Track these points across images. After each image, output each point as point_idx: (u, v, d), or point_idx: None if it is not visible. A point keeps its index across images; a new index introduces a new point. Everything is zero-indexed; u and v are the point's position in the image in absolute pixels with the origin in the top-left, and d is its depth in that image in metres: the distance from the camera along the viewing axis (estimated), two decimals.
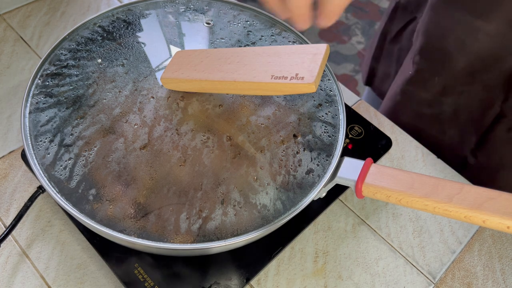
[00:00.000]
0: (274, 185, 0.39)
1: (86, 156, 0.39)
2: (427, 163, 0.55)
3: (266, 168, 0.40)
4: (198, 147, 0.40)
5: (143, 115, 0.41)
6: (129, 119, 0.41)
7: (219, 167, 0.39)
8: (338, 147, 0.42)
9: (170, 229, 0.37)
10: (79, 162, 0.39)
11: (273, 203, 0.39)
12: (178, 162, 0.39)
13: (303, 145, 0.42)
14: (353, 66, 1.81)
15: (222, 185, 0.39)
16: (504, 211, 0.34)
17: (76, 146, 0.40)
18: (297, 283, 0.45)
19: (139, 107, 0.42)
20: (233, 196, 0.38)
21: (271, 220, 0.38)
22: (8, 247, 0.45)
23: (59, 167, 0.39)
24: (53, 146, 0.39)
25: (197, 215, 0.37)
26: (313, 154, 0.41)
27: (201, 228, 0.37)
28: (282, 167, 0.40)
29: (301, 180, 0.40)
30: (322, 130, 0.43)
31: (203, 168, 0.39)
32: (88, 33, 0.47)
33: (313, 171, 0.40)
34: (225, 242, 0.36)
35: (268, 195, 0.39)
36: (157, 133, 0.40)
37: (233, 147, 0.40)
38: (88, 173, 0.38)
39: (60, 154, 0.39)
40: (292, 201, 0.39)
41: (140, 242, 0.36)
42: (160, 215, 0.37)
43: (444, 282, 0.46)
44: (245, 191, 0.39)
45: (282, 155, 0.41)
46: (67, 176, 0.38)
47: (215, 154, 0.40)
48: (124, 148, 0.39)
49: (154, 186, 0.38)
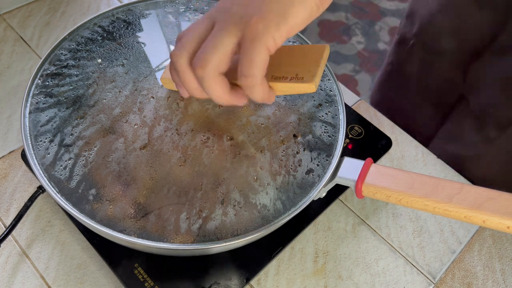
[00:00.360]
0: (274, 185, 0.39)
1: (86, 156, 0.39)
2: (427, 163, 0.55)
3: (266, 168, 0.40)
4: (198, 147, 0.40)
5: (143, 115, 0.41)
6: (129, 119, 0.41)
7: (219, 167, 0.39)
8: (338, 147, 0.42)
9: (170, 229, 0.37)
10: (79, 162, 0.39)
11: (273, 203, 0.39)
12: (178, 162, 0.39)
13: (303, 145, 0.42)
14: (353, 66, 1.81)
15: (222, 185, 0.39)
16: (504, 211, 0.34)
17: (76, 146, 0.40)
18: (297, 283, 0.45)
19: (139, 107, 0.42)
20: (233, 196, 0.38)
21: (271, 220, 0.38)
22: (8, 247, 0.45)
23: (59, 167, 0.39)
24: (53, 146, 0.39)
25: (197, 215, 0.37)
26: (313, 154, 0.41)
27: (201, 228, 0.37)
28: (282, 167, 0.40)
29: (301, 180, 0.40)
30: (322, 130, 0.43)
31: (203, 168, 0.39)
32: (88, 33, 0.47)
33: (313, 171, 0.40)
34: (225, 243, 0.36)
35: (268, 195, 0.39)
36: (157, 133, 0.40)
37: (233, 147, 0.40)
38: (88, 173, 0.38)
39: (60, 154, 0.39)
40: (292, 201, 0.39)
41: (140, 242, 0.36)
42: (160, 215, 0.37)
43: (444, 282, 0.46)
44: (245, 191, 0.39)
45: (282, 155, 0.41)
46: (67, 176, 0.38)
47: (215, 154, 0.40)
48: (124, 148, 0.39)
49: (154, 186, 0.38)
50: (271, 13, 0.31)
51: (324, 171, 0.41)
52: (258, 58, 0.31)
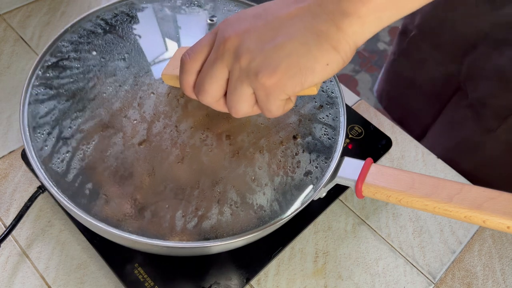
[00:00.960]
0: (271, 185, 0.39)
1: (84, 150, 0.39)
2: (427, 163, 0.55)
3: (264, 169, 0.40)
4: (197, 145, 0.40)
5: (142, 110, 0.41)
6: (129, 114, 0.41)
7: (217, 165, 0.39)
8: (338, 148, 0.42)
9: (165, 227, 0.36)
10: (76, 155, 0.39)
11: (270, 204, 0.39)
12: (176, 160, 0.39)
13: (302, 147, 0.42)
14: (353, 66, 1.81)
15: (220, 184, 0.38)
16: (504, 211, 0.34)
17: (75, 139, 0.39)
18: (297, 283, 0.45)
19: (139, 102, 0.42)
20: (230, 195, 0.38)
21: (267, 221, 0.38)
22: (8, 247, 0.45)
23: (57, 159, 0.38)
24: (51, 139, 0.39)
25: (193, 213, 0.37)
26: (312, 156, 0.41)
27: (197, 226, 0.37)
28: (280, 168, 0.40)
29: (299, 182, 0.40)
30: (322, 132, 0.43)
31: (201, 166, 0.39)
32: (91, 25, 0.47)
33: (311, 173, 0.40)
34: (225, 241, 0.36)
35: (266, 195, 0.39)
36: (156, 129, 0.40)
37: (232, 146, 0.40)
38: (85, 167, 0.38)
39: (58, 146, 0.39)
40: (289, 203, 0.39)
41: (140, 240, 0.35)
42: (155, 212, 0.37)
43: (444, 282, 0.46)
44: (242, 190, 0.39)
45: (281, 156, 0.41)
46: (64, 169, 0.38)
47: (214, 153, 0.40)
48: (123, 143, 0.39)
49: (151, 182, 0.38)
50: (292, 70, 0.30)
51: (323, 173, 0.41)
52: (275, 108, 0.33)
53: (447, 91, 0.65)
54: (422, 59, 0.66)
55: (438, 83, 0.66)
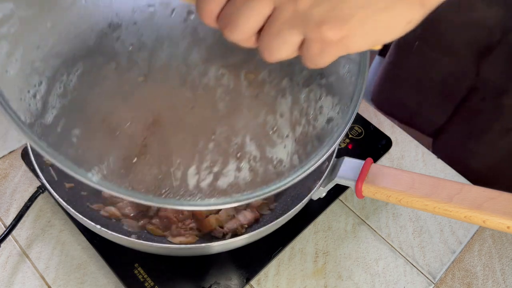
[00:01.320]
0: (292, 136, 0.33)
1: (65, 83, 0.29)
2: (427, 163, 0.55)
3: (286, 116, 0.33)
4: (211, 85, 0.31)
5: (140, 32, 0.30)
6: (122, 35, 0.30)
7: (234, 112, 0.32)
8: (360, 93, 0.35)
9: (177, 185, 0.30)
10: (53, 91, 0.28)
11: (290, 158, 0.33)
12: (186, 104, 0.31)
13: (327, 89, 0.35)
14: None
15: (238, 135, 0.32)
16: (504, 211, 0.34)
17: (51, 67, 0.29)
18: (297, 283, 0.45)
19: (135, 20, 0.31)
20: (249, 148, 0.32)
21: (286, 177, 0.31)
22: (8, 247, 0.45)
23: (26, 92, 0.28)
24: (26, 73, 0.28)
25: (208, 169, 0.31)
26: (335, 99, 0.35)
27: (212, 184, 0.31)
28: (303, 116, 0.34)
29: (321, 131, 0.34)
30: (346, 70, 0.35)
31: (216, 113, 0.31)
32: None
33: (332, 120, 0.34)
34: (224, 242, 0.36)
35: (286, 148, 0.33)
36: (160, 61, 0.31)
37: (251, 90, 0.33)
38: (68, 106, 0.28)
39: (31, 77, 0.28)
40: (309, 155, 0.32)
41: (140, 242, 0.36)
42: (164, 168, 0.30)
43: (444, 282, 0.46)
44: (262, 143, 0.32)
45: (305, 101, 0.34)
46: (39, 107, 0.28)
47: (231, 97, 0.32)
48: (116, 77, 0.30)
49: (157, 131, 0.31)
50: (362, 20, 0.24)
51: (344, 120, 0.34)
52: (325, 63, 0.26)
53: (460, 92, 0.64)
54: (427, 64, 0.65)
55: (448, 86, 0.65)
